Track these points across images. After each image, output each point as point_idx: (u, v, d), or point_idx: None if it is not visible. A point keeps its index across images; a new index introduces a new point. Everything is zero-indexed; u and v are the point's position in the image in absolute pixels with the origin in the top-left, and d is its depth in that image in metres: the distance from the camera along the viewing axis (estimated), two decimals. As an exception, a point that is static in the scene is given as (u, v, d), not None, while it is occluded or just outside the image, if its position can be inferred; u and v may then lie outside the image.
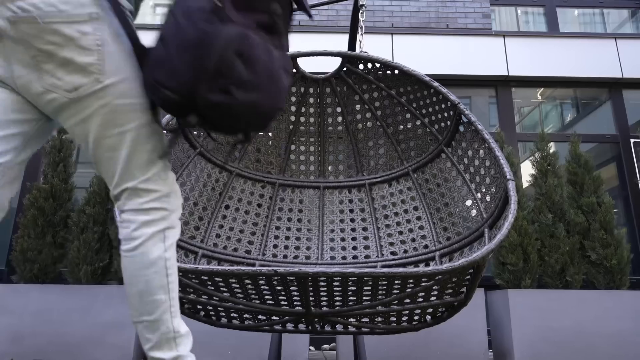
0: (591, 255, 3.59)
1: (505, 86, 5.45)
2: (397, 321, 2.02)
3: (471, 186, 2.36)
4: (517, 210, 1.97)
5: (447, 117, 2.42)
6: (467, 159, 2.38)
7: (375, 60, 2.47)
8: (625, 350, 3.29)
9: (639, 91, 5.47)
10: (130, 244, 1.14)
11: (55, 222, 3.66)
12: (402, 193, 2.68)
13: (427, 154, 2.60)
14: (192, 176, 2.48)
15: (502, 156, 2.06)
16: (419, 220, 2.60)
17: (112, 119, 1.10)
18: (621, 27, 6.07)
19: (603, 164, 5.32)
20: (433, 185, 2.59)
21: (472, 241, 2.27)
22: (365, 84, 2.65)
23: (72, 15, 1.02)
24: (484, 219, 2.21)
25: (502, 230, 1.77)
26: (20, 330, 3.29)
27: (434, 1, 5.71)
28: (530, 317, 3.35)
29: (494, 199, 2.14)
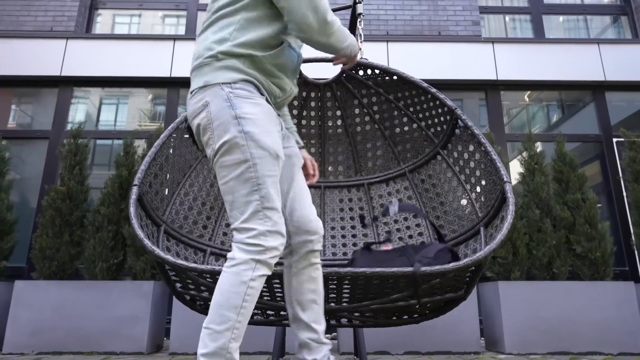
0: (576, 248, 3.60)
1: (494, 89, 5.45)
2: (399, 315, 2.03)
3: (466, 187, 2.37)
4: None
5: (444, 121, 2.42)
6: (462, 161, 2.39)
7: (374, 66, 2.46)
8: (608, 337, 3.30)
9: (621, 93, 5.47)
10: (229, 262, 1.31)
11: (72, 221, 3.67)
12: (399, 192, 2.69)
13: (423, 156, 2.60)
14: (199, 177, 2.47)
15: (498, 159, 2.07)
16: (415, 219, 2.61)
17: (218, 173, 1.38)
18: (603, 33, 6.06)
19: (587, 162, 5.31)
20: (429, 185, 2.59)
21: (468, 238, 2.29)
22: (364, 89, 2.64)
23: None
24: (479, 217, 2.23)
25: (503, 230, 1.78)
26: (40, 324, 3.31)
27: (426, 10, 5.71)
28: (519, 307, 3.37)
29: (490, 199, 2.15)
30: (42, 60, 5.27)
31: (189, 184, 2.40)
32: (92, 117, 5.41)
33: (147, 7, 5.99)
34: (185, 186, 2.37)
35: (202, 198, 2.48)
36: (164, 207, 2.19)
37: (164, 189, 2.19)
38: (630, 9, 6.00)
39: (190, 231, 2.38)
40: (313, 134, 2.78)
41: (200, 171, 2.48)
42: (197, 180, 2.46)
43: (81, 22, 5.67)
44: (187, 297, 1.94)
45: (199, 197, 2.45)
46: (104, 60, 5.31)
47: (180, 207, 2.34)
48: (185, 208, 2.37)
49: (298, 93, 2.64)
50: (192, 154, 2.42)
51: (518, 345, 3.28)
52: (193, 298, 1.96)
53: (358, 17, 2.66)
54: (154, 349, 3.45)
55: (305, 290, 1.53)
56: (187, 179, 2.39)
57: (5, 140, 4.86)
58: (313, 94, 2.68)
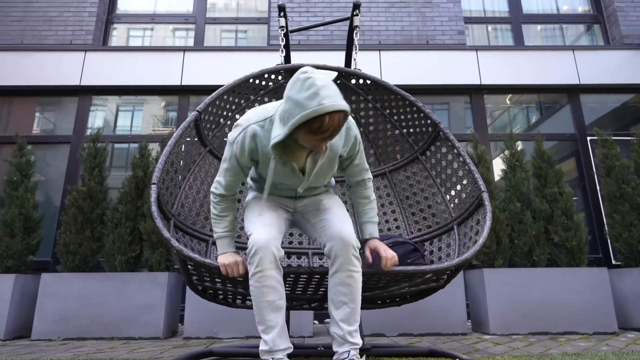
0: (554, 237, 3.62)
1: (478, 93, 5.47)
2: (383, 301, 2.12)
3: (441, 189, 2.42)
4: (489, 200, 2.04)
5: (425, 132, 2.47)
6: (440, 167, 2.44)
7: (367, 77, 2.48)
8: (584, 318, 3.32)
9: (594, 95, 5.49)
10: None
11: (92, 219, 3.69)
12: (379, 190, 2.72)
13: (403, 159, 2.65)
14: (202, 170, 2.46)
15: (476, 170, 2.13)
16: (394, 213, 2.65)
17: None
18: (578, 40, 6.08)
19: (564, 159, 5.33)
20: (407, 185, 2.63)
21: (441, 234, 2.36)
22: (354, 96, 2.66)
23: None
24: (453, 217, 2.30)
25: (483, 234, 1.86)
26: (65, 312, 3.34)
27: (415, 21, 5.72)
28: (502, 292, 3.38)
29: (465, 202, 2.21)
30: (63, 71, 5.29)
31: (193, 177, 2.39)
32: (109, 123, 5.42)
33: (158, 21, 6.00)
34: (189, 180, 2.37)
35: (204, 191, 2.47)
36: (172, 200, 2.18)
37: (173, 184, 2.19)
38: (603, 18, 6.01)
39: (193, 222, 2.37)
40: None
41: (202, 165, 2.47)
42: (199, 175, 2.44)
43: (98, 36, 5.68)
44: (200, 287, 1.97)
45: (201, 190, 2.45)
46: (120, 70, 5.33)
47: (186, 200, 2.32)
48: (190, 201, 2.36)
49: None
50: (196, 150, 2.41)
51: (502, 326, 3.30)
52: (205, 288, 1.99)
53: (355, 29, 2.69)
54: (169, 334, 3.47)
55: (337, 292, 1.59)
56: (191, 174, 2.39)
57: (30, 145, 4.88)
58: None
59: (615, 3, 5.81)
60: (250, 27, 6.00)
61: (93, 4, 5.68)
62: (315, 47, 5.44)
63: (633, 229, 3.59)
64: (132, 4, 6.11)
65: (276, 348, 1.52)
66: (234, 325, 3.29)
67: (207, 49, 5.46)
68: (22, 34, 5.51)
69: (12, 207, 3.64)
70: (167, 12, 6.04)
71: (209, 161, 2.51)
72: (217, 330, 3.29)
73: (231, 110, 2.52)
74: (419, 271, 1.73)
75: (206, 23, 5.95)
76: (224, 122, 2.53)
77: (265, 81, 2.55)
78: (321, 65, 2.42)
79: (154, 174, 1.92)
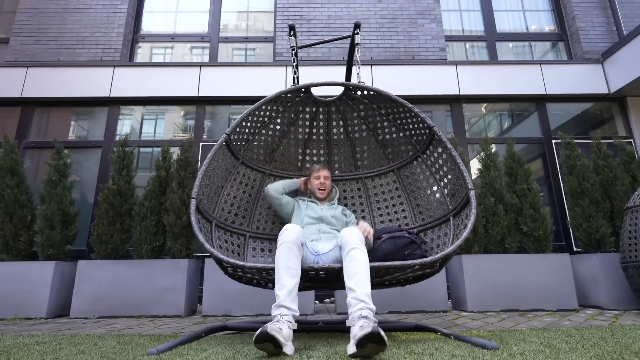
0: (523, 228, 3.64)
1: (457, 102, 5.50)
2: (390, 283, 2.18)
3: (440, 184, 2.42)
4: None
5: (424, 133, 2.48)
6: (437, 165, 2.45)
7: (371, 89, 2.47)
8: (549, 297, 3.36)
9: (558, 104, 5.52)
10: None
11: (122, 213, 3.72)
12: (389, 184, 2.73)
13: (407, 157, 2.65)
14: (237, 180, 2.54)
15: (465, 170, 2.12)
16: (402, 205, 2.65)
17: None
18: (545, 55, 6.11)
19: (532, 159, 5.36)
20: (412, 180, 2.63)
21: (441, 223, 2.37)
22: (362, 105, 2.65)
23: None
24: (449, 209, 2.30)
25: (467, 229, 1.89)
26: (99, 294, 3.37)
27: (402, 39, 5.75)
28: (478, 275, 3.41)
29: (458, 197, 2.23)
30: (95, 84, 5.32)
31: (230, 185, 2.49)
32: (135, 129, 5.45)
33: (178, 40, 6.03)
34: (227, 188, 2.46)
35: (240, 196, 2.55)
36: (213, 206, 2.30)
37: (213, 193, 2.30)
38: (566, 36, 6.05)
39: (233, 222, 2.47)
40: (321, 140, 2.81)
41: (237, 176, 2.55)
42: (235, 183, 2.53)
43: (125, 53, 5.71)
44: (236, 276, 2.09)
45: (237, 196, 2.53)
46: (144, 83, 5.35)
47: (225, 204, 2.43)
48: (229, 205, 2.46)
49: (309, 109, 2.70)
50: (230, 164, 2.48)
51: (477, 304, 3.34)
52: (240, 277, 2.10)
53: (356, 47, 2.67)
54: (189, 312, 3.50)
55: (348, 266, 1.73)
56: (228, 183, 2.47)
57: (67, 149, 4.91)
58: (321, 109, 2.72)
59: (577, 23, 5.84)
60: (258, 45, 6.03)
61: (120, 25, 5.70)
62: (315, 63, 5.47)
63: (592, 220, 3.62)
64: (155, 25, 6.13)
65: (284, 304, 1.63)
66: (245, 305, 3.33)
67: (220, 65, 5.49)
68: (58, 52, 5.54)
69: (52, 203, 3.67)
70: (185, 32, 6.07)
71: (242, 171, 2.58)
72: (231, 309, 3.33)
73: (256, 127, 2.56)
74: (408, 265, 1.81)
75: (219, 42, 5.97)
76: (251, 138, 2.58)
77: (282, 101, 2.56)
78: (329, 81, 2.44)
79: (193, 189, 2.04)
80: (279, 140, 2.72)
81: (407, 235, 2.25)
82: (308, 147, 2.82)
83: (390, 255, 2.11)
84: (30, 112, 5.34)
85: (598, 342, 1.77)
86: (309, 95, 2.61)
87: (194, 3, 6.22)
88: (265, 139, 2.66)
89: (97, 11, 5.76)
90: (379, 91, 2.46)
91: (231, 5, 6.24)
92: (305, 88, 2.50)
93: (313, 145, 2.82)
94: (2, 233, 3.59)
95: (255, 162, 2.65)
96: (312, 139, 2.80)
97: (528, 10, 6.29)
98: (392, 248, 2.14)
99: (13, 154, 3.88)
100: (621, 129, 5.42)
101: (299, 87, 2.47)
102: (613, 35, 5.75)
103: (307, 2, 5.89)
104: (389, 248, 2.14)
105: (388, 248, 2.14)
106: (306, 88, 2.50)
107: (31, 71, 5.33)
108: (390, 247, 2.14)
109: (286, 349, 1.50)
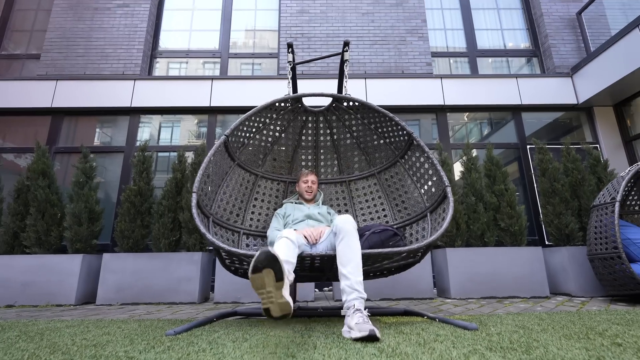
0: (501, 224, 3.66)
1: (442, 112, 5.52)
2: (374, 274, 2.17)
3: (417, 185, 2.43)
4: (452, 193, 2.08)
5: (403, 140, 2.48)
6: (415, 167, 2.45)
7: (355, 100, 2.48)
8: (523, 286, 3.37)
9: (533, 113, 5.54)
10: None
11: (142, 211, 3.73)
12: (370, 187, 2.72)
13: (387, 162, 2.65)
14: (232, 180, 2.50)
15: (441, 169, 2.15)
16: (382, 205, 2.65)
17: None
18: (520, 70, 6.13)
19: (509, 162, 5.38)
20: (391, 182, 2.64)
21: (418, 220, 2.38)
22: (347, 114, 2.66)
23: None
24: (426, 206, 2.31)
25: (446, 220, 1.90)
26: (122, 283, 3.38)
27: (393, 55, 5.78)
28: (461, 266, 3.43)
29: (434, 195, 2.23)
30: (117, 95, 5.34)
31: (226, 185, 2.43)
32: (154, 136, 5.47)
33: (191, 56, 6.05)
34: (223, 187, 2.41)
35: (235, 195, 2.50)
36: (210, 203, 2.24)
37: (211, 191, 2.25)
38: (540, 52, 6.08)
39: (228, 219, 2.42)
40: (310, 146, 2.80)
41: (232, 176, 2.50)
42: (231, 183, 2.48)
43: (144, 68, 5.73)
44: (233, 268, 2.04)
45: (232, 195, 2.48)
46: (162, 95, 5.37)
47: (221, 202, 2.38)
48: (224, 202, 2.41)
49: (300, 117, 2.67)
50: (227, 165, 2.44)
51: (460, 292, 3.35)
52: (237, 269, 2.06)
53: (345, 63, 2.67)
54: (203, 300, 3.51)
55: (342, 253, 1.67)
56: (224, 182, 2.42)
57: (92, 153, 4.94)
58: (311, 118, 2.71)
59: (549, 41, 5.88)
60: (263, 60, 6.06)
61: (140, 43, 5.73)
62: (315, 76, 5.50)
63: (562, 217, 3.65)
64: (171, 42, 6.15)
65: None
66: (253, 293, 3.34)
67: (230, 78, 5.52)
68: (84, 66, 5.56)
69: (79, 202, 3.69)
70: (199, 49, 6.09)
71: (237, 172, 2.54)
72: (240, 297, 3.35)
73: (251, 132, 2.53)
74: (396, 252, 1.79)
75: (229, 57, 6.00)
76: (247, 142, 2.55)
77: (276, 109, 2.54)
78: (318, 92, 2.45)
79: (194, 184, 1.97)
80: (271, 146, 2.69)
81: (390, 228, 2.26)
82: (298, 152, 2.79)
83: (376, 247, 2.11)
84: (59, 120, 5.35)
85: (567, 324, 1.80)
86: (300, 105, 2.60)
87: (206, 23, 6.25)
88: (259, 143, 2.62)
89: (119, 30, 5.78)
90: (363, 102, 2.46)
91: (240, 25, 6.27)
92: (297, 98, 2.49)
93: (302, 151, 2.80)
94: (35, 229, 3.61)
95: (250, 164, 2.61)
96: (301, 145, 2.78)
97: (505, 29, 6.33)
98: (377, 240, 2.14)
99: (44, 158, 3.90)
100: (588, 135, 5.45)
101: (292, 97, 2.47)
102: (581, 51, 5.79)
103: (307, 22, 5.93)
104: (375, 240, 2.14)
105: (374, 240, 2.14)
106: (298, 98, 2.50)
107: (60, 84, 5.36)
108: (376, 240, 2.14)
109: (285, 290, 1.31)
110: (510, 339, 1.41)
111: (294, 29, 5.87)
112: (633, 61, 4.52)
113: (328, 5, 6.02)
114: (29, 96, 5.28)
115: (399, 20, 5.96)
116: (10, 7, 6.22)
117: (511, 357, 1.14)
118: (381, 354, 1.19)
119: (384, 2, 6.07)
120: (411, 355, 1.17)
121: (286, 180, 2.77)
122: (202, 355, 1.23)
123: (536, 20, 6.22)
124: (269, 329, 1.77)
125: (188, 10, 6.33)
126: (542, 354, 1.19)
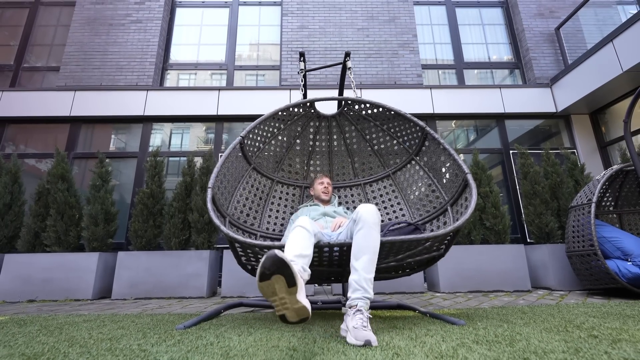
0: (486, 223, 3.66)
1: (432, 119, 5.53)
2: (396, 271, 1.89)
3: (434, 180, 2.24)
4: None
5: (416, 137, 2.32)
6: (431, 162, 2.26)
7: (366, 101, 2.36)
8: (507, 280, 3.37)
9: (515, 120, 5.56)
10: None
11: (154, 212, 3.72)
12: (385, 188, 2.56)
13: (401, 162, 2.49)
14: (249, 183, 2.38)
15: (459, 158, 1.96)
16: (399, 205, 2.48)
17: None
18: (503, 80, 6.15)
19: (493, 166, 5.39)
20: (406, 182, 2.47)
21: (438, 215, 2.16)
22: (359, 118, 2.52)
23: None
24: (446, 200, 2.09)
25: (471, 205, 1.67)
26: (135, 279, 3.37)
27: (386, 67, 5.79)
28: (449, 262, 3.42)
29: (453, 187, 2.03)
30: (131, 105, 5.33)
31: (242, 187, 2.31)
32: (165, 142, 5.46)
33: (200, 68, 6.06)
34: (239, 189, 2.28)
35: (251, 198, 2.38)
36: (227, 204, 2.12)
37: (227, 192, 2.12)
38: (521, 64, 6.10)
39: (245, 221, 2.29)
40: (324, 151, 2.67)
41: (249, 180, 2.38)
42: (247, 186, 2.35)
43: (156, 79, 5.73)
44: (249, 267, 1.87)
45: (249, 197, 2.36)
46: (173, 104, 5.37)
47: (237, 204, 2.25)
48: (241, 205, 2.29)
49: (313, 123, 2.54)
50: (243, 168, 2.32)
51: (449, 286, 3.35)
52: (254, 268, 1.87)
53: (348, 70, 2.59)
54: (211, 294, 3.50)
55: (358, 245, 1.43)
56: (240, 184, 2.30)
57: (108, 158, 4.93)
58: (324, 123, 2.60)
59: (530, 54, 5.90)
60: (267, 72, 6.07)
61: (152, 56, 5.73)
62: (315, 87, 5.50)
63: (542, 216, 3.65)
64: (181, 55, 6.16)
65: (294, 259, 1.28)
66: (256, 289, 3.33)
67: (235, 88, 5.52)
68: (100, 78, 5.56)
69: (96, 204, 3.68)
70: (206, 61, 6.10)
71: (253, 176, 2.42)
72: (245, 291, 3.34)
73: (267, 138, 2.42)
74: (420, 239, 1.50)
75: (235, 69, 6.01)
76: (262, 147, 2.43)
77: (290, 114, 2.44)
78: (330, 97, 2.36)
79: (210, 181, 1.83)
80: (286, 152, 2.58)
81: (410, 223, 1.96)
82: (312, 158, 2.68)
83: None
84: (77, 128, 5.35)
85: (547, 318, 1.80)
86: (312, 110, 2.50)
87: (214, 37, 6.26)
88: (274, 149, 2.51)
89: (133, 44, 5.79)
90: (372, 102, 2.35)
91: (244, 39, 6.28)
92: (310, 102, 2.38)
93: (316, 157, 2.68)
94: (55, 229, 3.60)
95: (265, 169, 2.50)
96: (315, 150, 2.65)
97: (490, 43, 6.35)
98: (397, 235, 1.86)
99: (63, 163, 3.89)
100: (566, 141, 5.46)
101: (305, 101, 2.36)
102: (560, 64, 5.81)
103: (307, 36, 5.94)
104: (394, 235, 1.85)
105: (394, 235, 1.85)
106: (311, 102, 2.39)
107: (78, 94, 5.35)
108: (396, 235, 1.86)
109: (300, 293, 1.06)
110: (495, 333, 1.41)
111: (294, 43, 5.88)
112: (607, 73, 4.54)
113: (326, 21, 6.04)
114: (49, 106, 5.27)
115: (392, 35, 5.97)
116: (31, 22, 6.23)
117: (496, 350, 1.14)
118: (376, 347, 1.19)
119: (378, 18, 6.09)
120: (404, 349, 1.17)
121: (302, 185, 2.63)
122: (210, 348, 1.23)
123: (518, 35, 6.24)
124: (272, 323, 1.77)
125: (196, 26, 6.34)
126: (524, 346, 1.19)
